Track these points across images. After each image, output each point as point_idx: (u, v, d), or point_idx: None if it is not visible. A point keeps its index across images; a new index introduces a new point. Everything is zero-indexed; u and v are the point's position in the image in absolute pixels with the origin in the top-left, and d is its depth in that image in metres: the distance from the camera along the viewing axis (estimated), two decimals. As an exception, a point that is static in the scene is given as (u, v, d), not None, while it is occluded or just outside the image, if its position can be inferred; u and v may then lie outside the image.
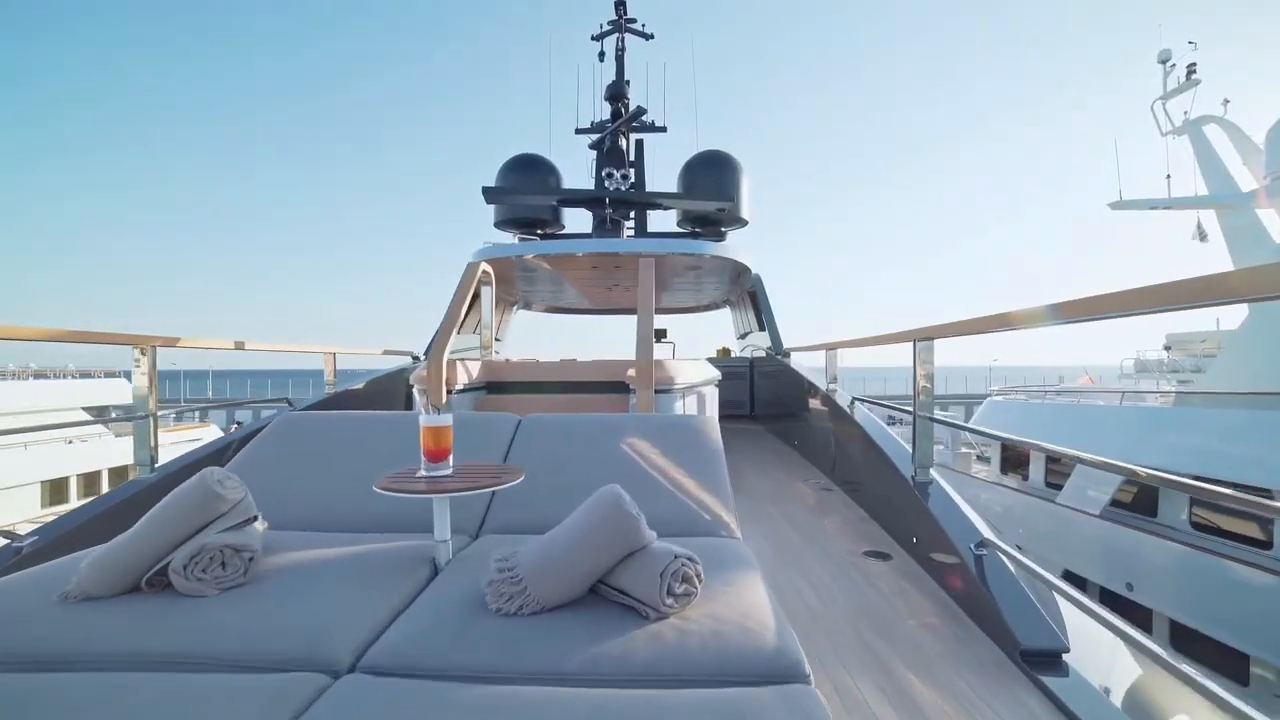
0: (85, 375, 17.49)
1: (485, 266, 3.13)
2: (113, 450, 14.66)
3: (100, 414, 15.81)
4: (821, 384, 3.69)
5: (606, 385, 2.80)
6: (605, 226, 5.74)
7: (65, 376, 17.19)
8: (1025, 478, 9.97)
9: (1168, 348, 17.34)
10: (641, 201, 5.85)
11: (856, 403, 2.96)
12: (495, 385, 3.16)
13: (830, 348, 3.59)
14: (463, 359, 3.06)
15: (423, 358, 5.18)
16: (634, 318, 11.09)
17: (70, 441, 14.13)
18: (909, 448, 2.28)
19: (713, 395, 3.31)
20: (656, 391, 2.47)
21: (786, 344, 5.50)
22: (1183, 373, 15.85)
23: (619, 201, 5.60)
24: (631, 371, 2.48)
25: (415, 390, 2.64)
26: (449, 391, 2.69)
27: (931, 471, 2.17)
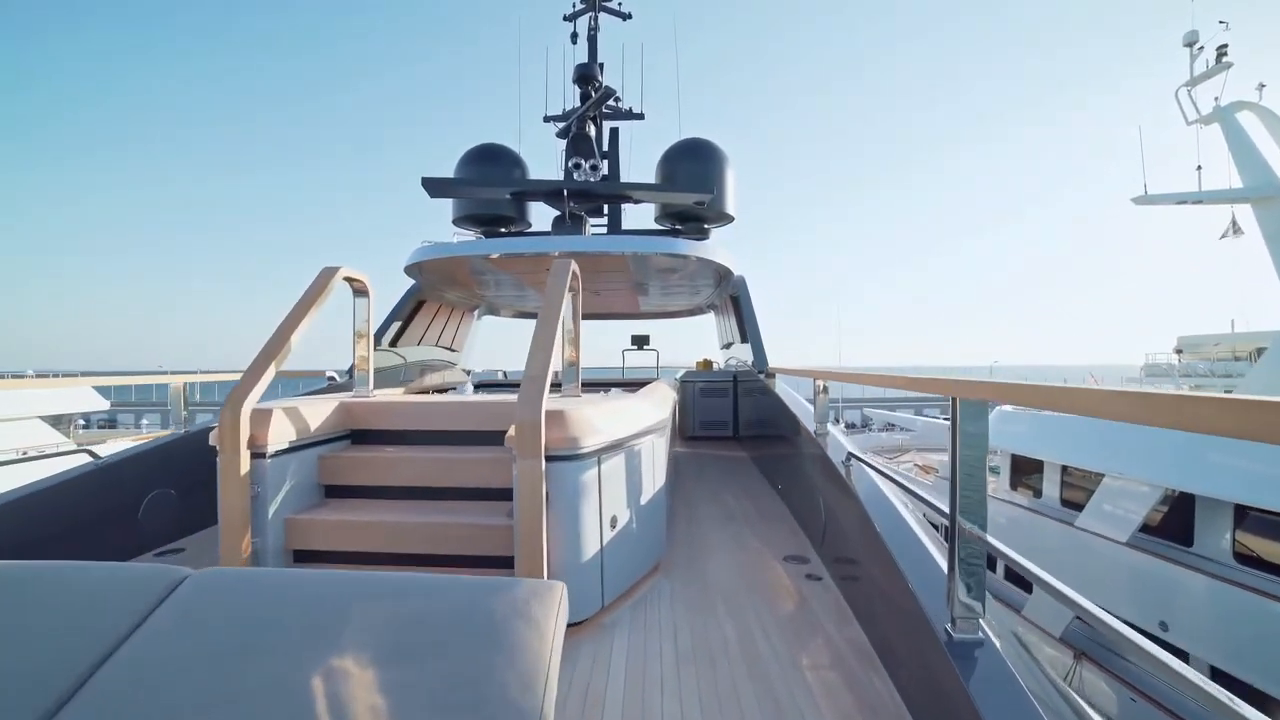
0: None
1: (350, 272, 2.34)
2: (80, 462, 13.91)
3: (63, 424, 15.05)
4: (809, 422, 2.91)
5: (498, 436, 1.99)
6: (566, 223, 5.01)
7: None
8: (1037, 493, 9.25)
9: (1179, 351, 16.67)
10: (607, 194, 5.11)
11: (854, 462, 2.15)
12: (362, 434, 2.27)
13: (819, 377, 2.73)
14: (314, 398, 2.25)
15: (340, 375, 4.42)
16: (615, 324, 10.22)
17: (26, 453, 13.38)
18: (941, 563, 1.42)
19: (655, 450, 2.34)
20: (552, 459, 1.65)
21: (778, 358, 4.76)
22: (1194, 377, 15.20)
23: (581, 194, 4.86)
24: (512, 430, 1.63)
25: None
26: (261, 455, 1.83)
27: (984, 627, 1.21)
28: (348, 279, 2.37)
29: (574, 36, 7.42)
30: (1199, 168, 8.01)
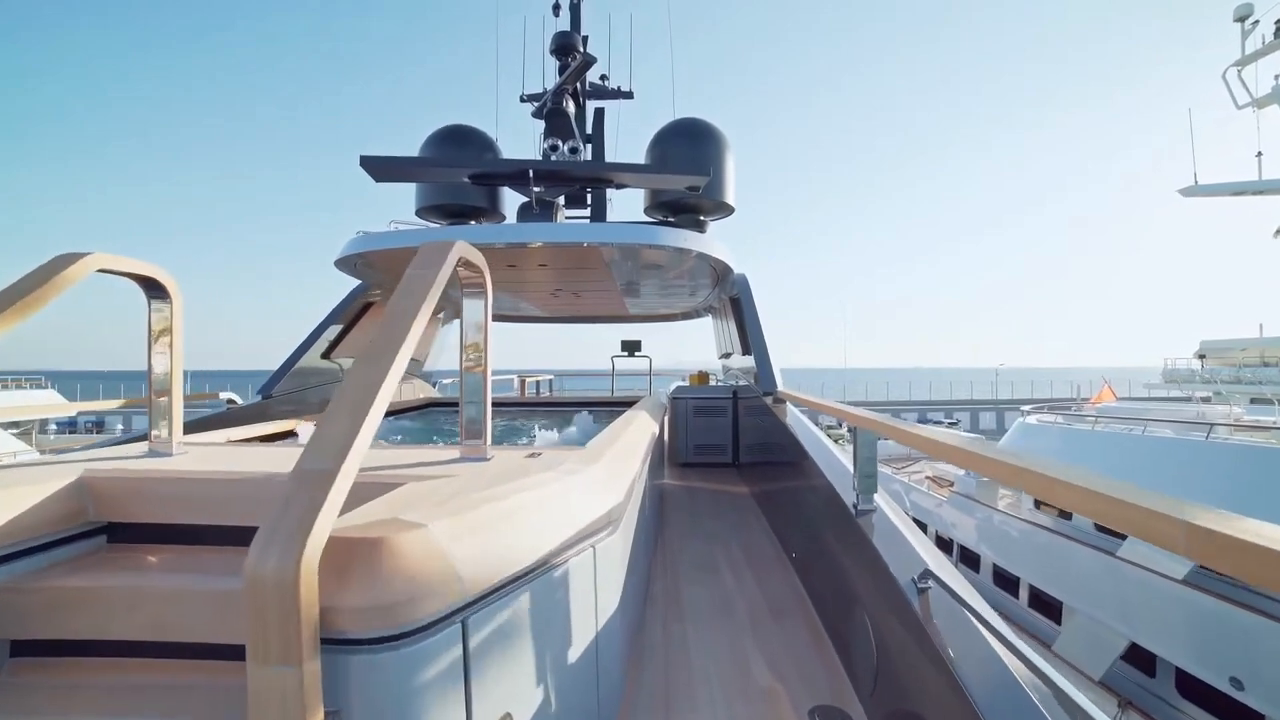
0: (15, 385, 15.91)
1: (114, 262, 1.44)
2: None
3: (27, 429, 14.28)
4: (845, 487, 1.93)
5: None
6: (534, 210, 4.21)
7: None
8: (1067, 515, 8.42)
9: (1202, 356, 15.82)
10: (583, 176, 4.31)
11: (936, 587, 1.26)
12: (126, 530, 1.33)
13: (866, 425, 1.67)
14: (22, 467, 1.39)
15: (243, 399, 3.61)
16: (606, 327, 9.24)
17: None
18: None
19: (607, 560, 1.44)
20: (349, 645, 0.80)
21: (793, 366, 3.93)
22: (1219, 383, 14.35)
23: (552, 176, 4.06)
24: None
25: None
26: None
27: None
28: (119, 272, 1.49)
29: (555, 7, 6.63)
30: (1259, 154, 7.16)
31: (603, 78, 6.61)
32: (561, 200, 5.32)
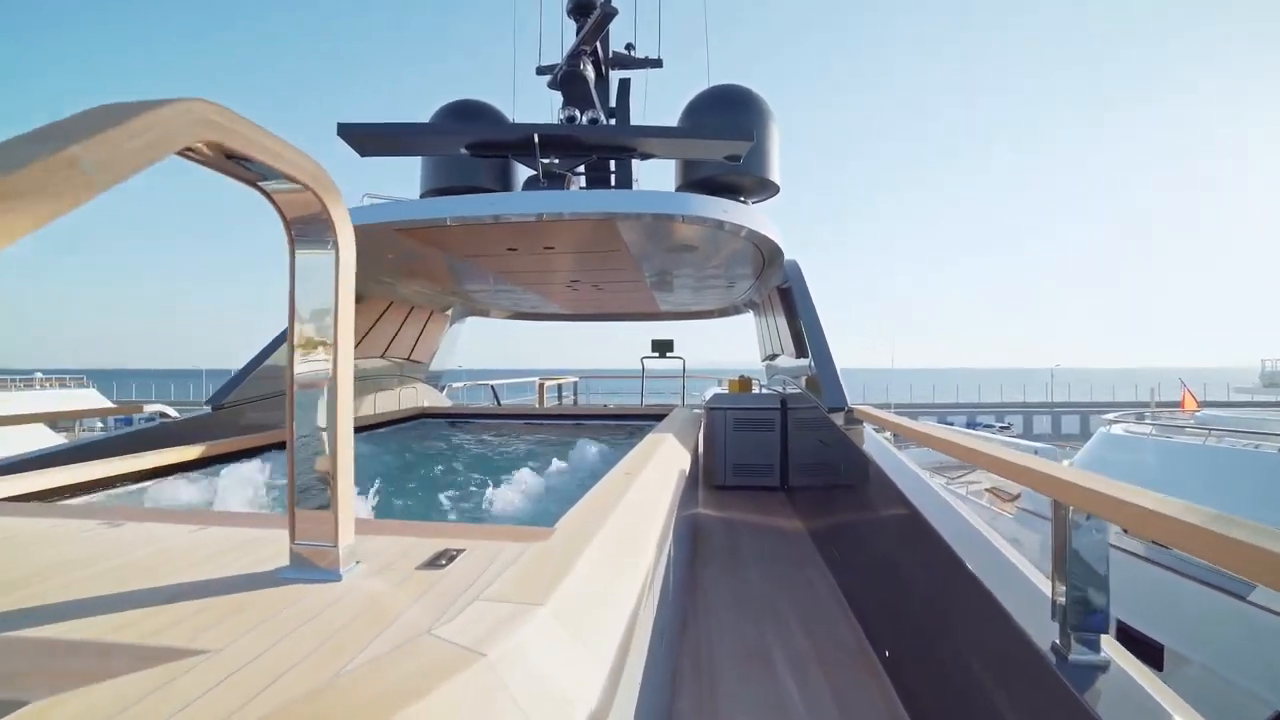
0: (59, 384, 16.28)
1: None
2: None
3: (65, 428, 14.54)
4: (1031, 618, 1.02)
5: None
6: (540, 185, 3.49)
7: (35, 386, 15.99)
8: (1168, 546, 7.15)
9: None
10: (600, 144, 3.56)
11: None
12: None
13: (1082, 503, 0.85)
14: None
15: (178, 413, 3.00)
16: (616, 326, 8.34)
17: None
18: None
19: None
20: None
21: (854, 383, 3.08)
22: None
23: (560, 143, 3.31)
24: None
25: None
26: None
27: None
28: None
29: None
30: None
31: (628, 46, 5.88)
32: (582, 182, 4.62)
